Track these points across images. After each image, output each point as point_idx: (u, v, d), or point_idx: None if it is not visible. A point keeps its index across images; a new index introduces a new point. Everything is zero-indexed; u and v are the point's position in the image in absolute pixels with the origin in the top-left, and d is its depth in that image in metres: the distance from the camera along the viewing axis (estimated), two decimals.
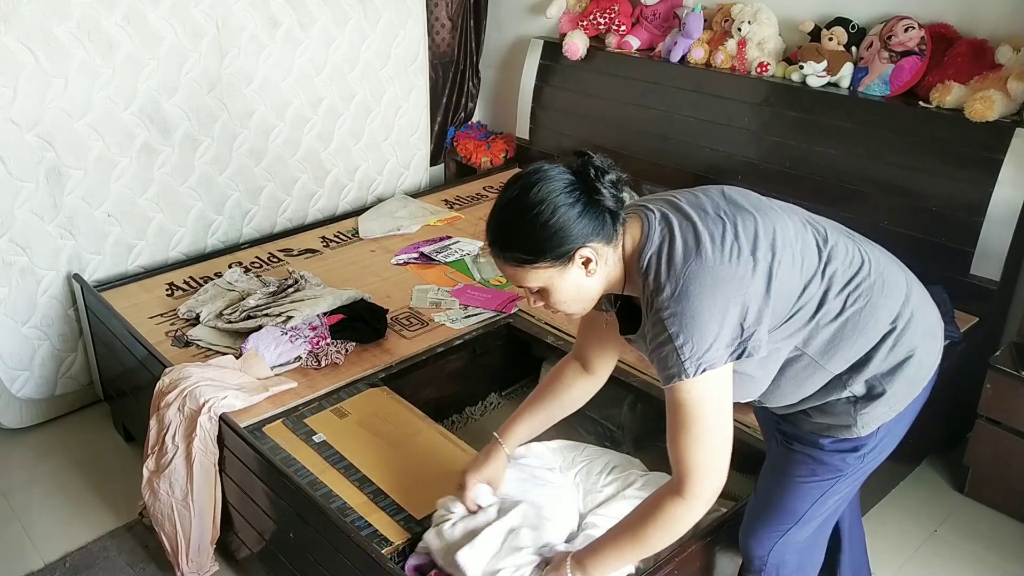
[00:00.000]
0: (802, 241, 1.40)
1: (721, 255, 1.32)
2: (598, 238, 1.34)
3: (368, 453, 2.00)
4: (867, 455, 1.52)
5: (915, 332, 1.47)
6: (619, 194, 1.36)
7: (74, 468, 2.63)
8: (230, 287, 2.66)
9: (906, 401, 1.49)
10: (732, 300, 1.30)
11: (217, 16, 2.83)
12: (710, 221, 1.36)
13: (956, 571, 2.31)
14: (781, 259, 1.34)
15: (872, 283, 1.44)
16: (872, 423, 1.48)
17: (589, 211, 1.33)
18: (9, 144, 2.47)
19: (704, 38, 3.09)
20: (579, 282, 1.38)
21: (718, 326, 1.30)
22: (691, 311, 1.30)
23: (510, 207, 1.34)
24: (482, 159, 3.79)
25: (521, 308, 2.60)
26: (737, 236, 1.34)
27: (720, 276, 1.30)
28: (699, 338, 1.30)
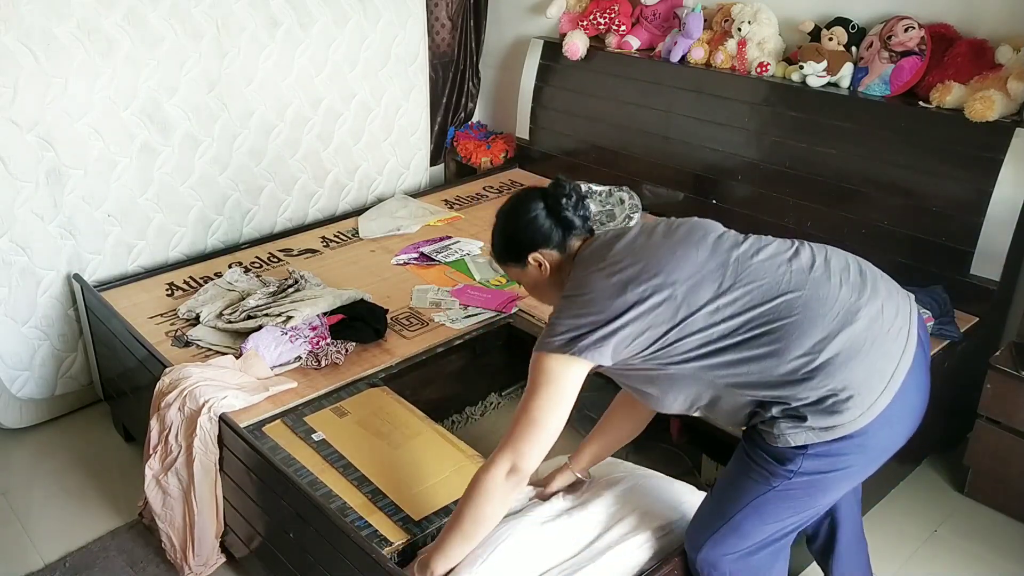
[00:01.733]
0: (699, 277, 1.51)
1: (605, 279, 1.53)
2: (548, 246, 1.66)
3: (368, 453, 2.00)
4: (798, 475, 1.50)
5: (831, 372, 1.45)
6: (576, 212, 1.66)
7: (74, 468, 2.63)
8: (230, 287, 2.66)
9: (831, 433, 1.46)
10: (583, 314, 1.52)
11: (217, 16, 2.83)
12: (622, 249, 1.58)
13: (956, 571, 2.31)
14: (651, 298, 1.49)
15: (787, 320, 1.46)
16: (789, 437, 1.48)
17: (544, 225, 1.65)
18: (9, 144, 2.47)
19: (704, 38, 3.09)
20: (536, 280, 1.71)
21: (565, 325, 1.53)
22: (558, 309, 1.57)
23: (496, 218, 1.73)
24: (482, 159, 3.79)
25: (521, 308, 2.60)
26: (627, 268, 1.54)
27: (588, 294, 1.54)
28: (552, 326, 1.55)
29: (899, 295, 1.56)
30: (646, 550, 1.72)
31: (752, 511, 1.56)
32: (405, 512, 1.83)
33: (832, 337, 1.46)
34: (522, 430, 1.52)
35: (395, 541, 1.76)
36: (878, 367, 1.47)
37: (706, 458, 2.36)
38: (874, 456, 1.54)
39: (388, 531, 1.78)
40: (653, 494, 1.82)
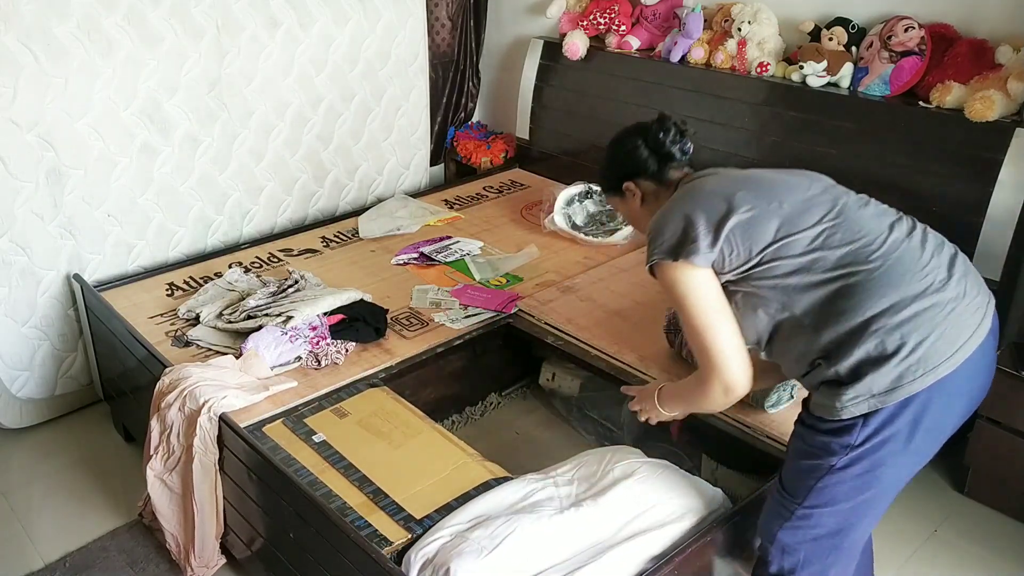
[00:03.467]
0: (807, 205, 1.58)
1: (709, 192, 1.63)
2: (643, 176, 1.78)
3: (368, 453, 2.00)
4: (857, 447, 1.50)
5: (916, 326, 1.46)
6: (674, 145, 1.77)
7: (74, 468, 2.63)
8: (230, 287, 2.66)
9: (892, 396, 1.47)
10: (691, 210, 1.60)
11: (217, 16, 2.83)
12: (730, 172, 1.71)
13: (956, 571, 2.31)
14: (755, 210, 1.56)
15: (872, 266, 1.49)
16: (851, 407, 1.48)
17: (641, 156, 1.77)
18: (9, 144, 2.47)
19: (704, 38, 3.09)
20: (633, 209, 1.83)
21: (673, 228, 1.60)
22: (662, 214, 1.65)
23: (604, 151, 1.87)
24: (482, 159, 3.79)
25: (521, 308, 2.60)
26: (734, 182, 1.65)
27: (692, 202, 1.62)
28: (657, 234, 1.62)
29: (982, 285, 1.60)
30: (655, 546, 1.72)
31: (816, 494, 1.57)
32: (407, 511, 1.83)
33: (917, 297, 1.48)
34: (706, 351, 1.58)
35: (395, 540, 1.76)
36: (950, 334, 1.49)
37: (706, 458, 2.36)
38: (928, 433, 1.53)
39: (388, 531, 1.78)
40: (665, 488, 1.82)
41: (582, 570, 1.64)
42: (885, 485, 1.58)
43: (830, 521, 1.60)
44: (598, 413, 2.63)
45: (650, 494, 1.80)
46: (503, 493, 1.82)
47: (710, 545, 1.76)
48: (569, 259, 2.95)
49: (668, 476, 1.87)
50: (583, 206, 3.17)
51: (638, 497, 1.79)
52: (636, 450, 1.96)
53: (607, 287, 2.71)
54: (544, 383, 2.77)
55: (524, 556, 1.65)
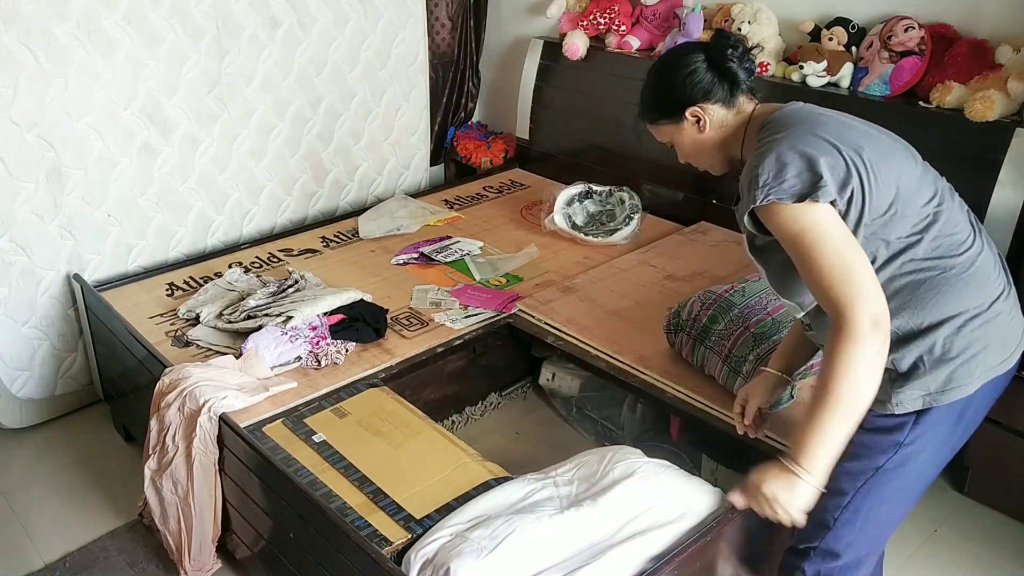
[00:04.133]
0: (916, 184, 1.48)
1: (832, 138, 1.45)
2: (711, 99, 1.58)
3: (368, 453, 2.00)
4: (906, 445, 1.50)
5: (983, 334, 1.47)
6: (742, 65, 1.57)
7: (74, 468, 2.63)
8: (230, 287, 2.66)
9: (946, 396, 1.47)
10: (814, 153, 1.42)
11: (217, 16, 2.83)
12: (840, 124, 1.51)
13: (956, 571, 2.31)
14: (875, 173, 1.44)
15: (960, 264, 1.47)
16: (907, 403, 1.47)
17: (706, 76, 1.56)
18: (9, 144, 2.47)
19: (704, 38, 3.09)
20: (695, 138, 1.63)
21: (793, 163, 1.42)
22: (772, 148, 1.45)
23: (647, 75, 1.66)
24: (482, 159, 3.79)
25: (521, 308, 2.60)
26: (856, 139, 1.47)
27: (813, 135, 1.45)
28: (775, 172, 1.41)
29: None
30: (655, 546, 1.72)
31: (862, 497, 1.55)
32: (407, 511, 1.83)
33: (991, 306, 1.47)
34: (845, 281, 1.37)
35: (395, 540, 1.76)
36: (1009, 342, 1.50)
37: (706, 458, 2.36)
38: (964, 430, 1.55)
39: (388, 530, 1.78)
40: (665, 488, 1.82)
41: (582, 570, 1.64)
42: (925, 480, 1.59)
43: (872, 521, 1.59)
44: (598, 413, 2.63)
45: (650, 494, 1.80)
46: (503, 493, 1.82)
47: (710, 545, 1.75)
48: (569, 259, 2.95)
49: (668, 476, 1.86)
50: (583, 206, 3.17)
51: (638, 497, 1.78)
52: (636, 450, 1.96)
53: (607, 287, 2.71)
54: (544, 383, 2.77)
55: (524, 556, 1.65)
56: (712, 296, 2.26)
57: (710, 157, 1.66)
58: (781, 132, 1.47)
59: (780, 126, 1.49)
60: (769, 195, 1.42)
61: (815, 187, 1.40)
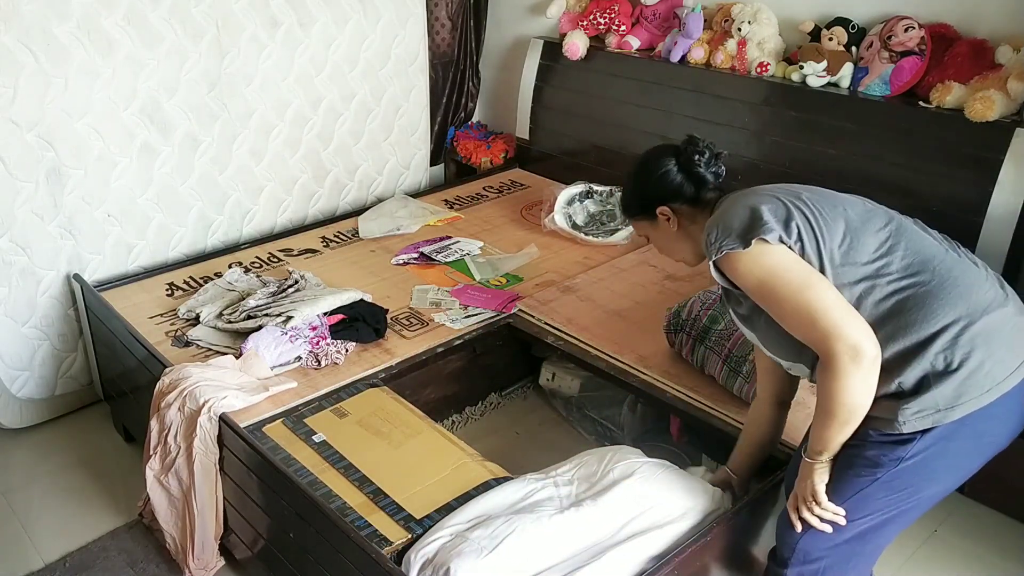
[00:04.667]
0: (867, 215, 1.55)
1: (768, 196, 1.56)
2: (679, 200, 1.68)
3: (368, 453, 2.00)
4: (907, 460, 1.49)
5: (983, 341, 1.45)
6: (709, 169, 1.66)
7: (74, 468, 2.63)
8: (230, 287, 2.66)
9: (956, 412, 1.45)
10: (754, 204, 1.52)
11: (217, 16, 2.83)
12: (793, 186, 1.62)
13: (956, 571, 2.31)
14: (819, 212, 1.51)
15: (940, 276, 1.47)
16: (915, 421, 1.46)
17: (676, 178, 1.67)
18: (9, 144, 2.47)
19: (704, 38, 3.09)
20: (666, 233, 1.73)
21: (739, 218, 1.52)
22: (721, 212, 1.57)
23: (626, 174, 1.76)
24: (482, 159, 3.79)
25: (521, 308, 2.60)
26: (792, 194, 1.57)
27: (751, 194, 1.57)
28: (723, 227, 1.52)
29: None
30: (655, 546, 1.72)
31: (852, 506, 1.55)
32: (407, 511, 1.83)
33: (985, 311, 1.47)
34: (817, 322, 1.43)
35: (395, 540, 1.76)
36: (1018, 347, 1.48)
37: (706, 458, 2.36)
38: (980, 448, 1.55)
39: (388, 531, 1.78)
40: (665, 488, 1.82)
41: (582, 570, 1.64)
42: (926, 499, 1.57)
43: (858, 529, 1.58)
44: (598, 413, 2.63)
45: (650, 494, 1.80)
46: (503, 493, 1.82)
47: (710, 545, 1.75)
48: (569, 259, 2.95)
49: (668, 476, 1.86)
50: (583, 206, 3.16)
51: (638, 497, 1.79)
52: (636, 450, 1.96)
53: (607, 287, 2.71)
54: (544, 383, 2.77)
55: (524, 556, 1.65)
56: (712, 296, 2.26)
57: (681, 251, 1.74)
58: (725, 204, 1.60)
59: (726, 202, 1.62)
60: (721, 247, 1.51)
61: (759, 226, 1.48)
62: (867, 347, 1.42)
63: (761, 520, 1.88)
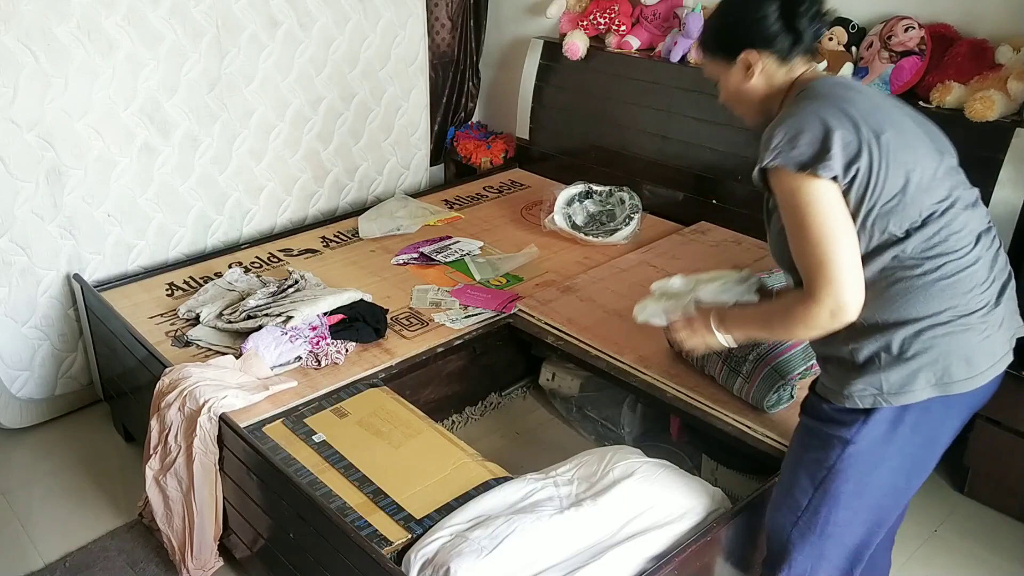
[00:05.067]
0: (931, 184, 1.45)
1: (852, 110, 1.44)
2: (768, 50, 1.53)
3: (368, 453, 2.01)
4: (851, 443, 1.50)
5: (945, 343, 1.45)
6: (811, 26, 1.52)
7: (74, 468, 2.63)
8: (230, 287, 2.66)
9: (898, 399, 1.46)
10: (833, 123, 1.41)
11: (217, 16, 2.83)
12: (869, 102, 1.48)
13: (956, 571, 2.31)
14: (887, 167, 1.42)
15: (944, 271, 1.44)
16: (857, 397, 1.48)
17: (774, 26, 1.51)
18: (9, 144, 2.47)
19: None
20: (739, 84, 1.59)
21: (809, 132, 1.41)
22: (798, 113, 1.44)
23: (718, 6, 1.60)
24: (482, 159, 3.79)
25: (521, 308, 2.60)
26: (880, 123, 1.45)
27: (838, 108, 1.43)
28: (789, 138, 1.42)
29: (1017, 315, 1.58)
30: (655, 546, 1.72)
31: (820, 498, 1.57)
32: (407, 511, 1.83)
33: (965, 316, 1.45)
34: (823, 265, 1.40)
35: (395, 540, 1.76)
36: (976, 359, 1.47)
37: (706, 458, 2.36)
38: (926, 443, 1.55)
39: (388, 530, 1.78)
40: (665, 488, 1.82)
41: (582, 570, 1.64)
42: (884, 490, 1.57)
43: (833, 526, 1.59)
44: (598, 413, 2.63)
45: (650, 494, 1.80)
46: (503, 493, 1.82)
47: (710, 545, 1.76)
48: (569, 259, 2.95)
49: (668, 476, 1.87)
50: (583, 206, 3.17)
51: (638, 497, 1.79)
52: (636, 450, 1.96)
53: (607, 287, 2.71)
54: (544, 383, 2.77)
55: (524, 556, 1.65)
56: None
57: (748, 107, 1.62)
58: (811, 100, 1.46)
59: (813, 94, 1.48)
60: (776, 159, 1.43)
61: (820, 159, 1.39)
62: (850, 313, 1.42)
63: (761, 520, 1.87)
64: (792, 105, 1.49)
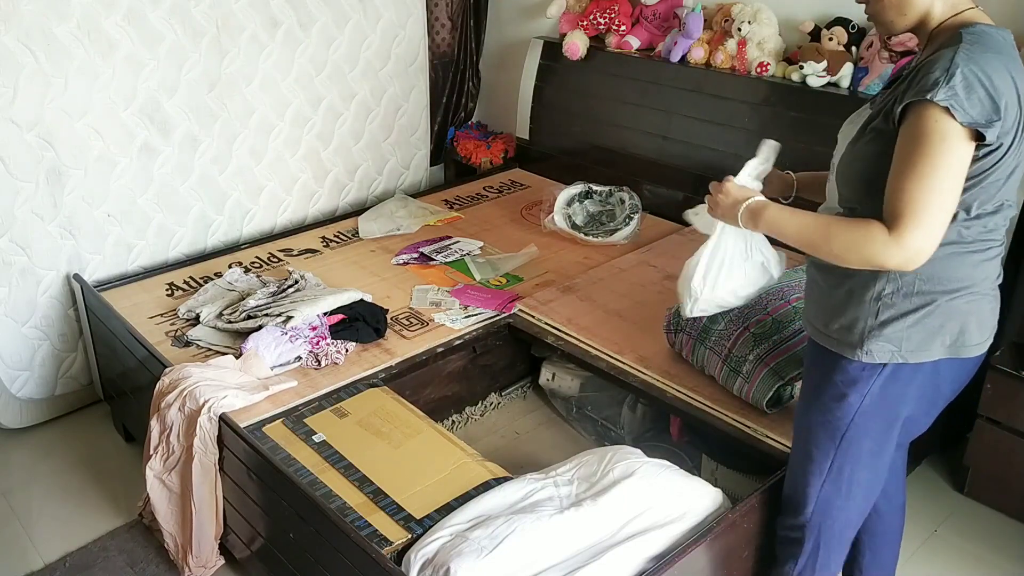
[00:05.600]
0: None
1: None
2: None
3: (368, 453, 2.01)
4: (868, 397, 1.54)
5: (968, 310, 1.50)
6: None
7: (74, 468, 2.63)
8: (230, 287, 2.66)
9: (916, 355, 1.50)
10: (1005, 83, 1.37)
11: (217, 16, 2.83)
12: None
13: (956, 571, 2.31)
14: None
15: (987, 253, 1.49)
16: (876, 354, 1.50)
17: None
18: (9, 144, 2.47)
19: (704, 38, 3.09)
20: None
21: (987, 88, 1.35)
22: (983, 61, 1.37)
23: None
24: (482, 159, 3.79)
25: (521, 308, 2.60)
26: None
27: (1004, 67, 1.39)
28: (965, 81, 1.34)
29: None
30: (655, 546, 1.72)
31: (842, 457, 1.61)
32: (407, 511, 1.83)
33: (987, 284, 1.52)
34: (920, 208, 1.35)
35: (395, 540, 1.76)
36: (987, 323, 1.54)
37: (706, 458, 2.36)
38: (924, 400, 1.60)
39: (388, 530, 1.78)
40: (665, 488, 1.82)
41: (582, 570, 1.64)
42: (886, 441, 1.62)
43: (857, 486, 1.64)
44: (598, 413, 2.63)
45: (650, 494, 1.80)
46: (503, 493, 1.82)
47: (710, 545, 1.75)
48: (569, 259, 2.95)
49: (668, 476, 1.87)
50: (583, 206, 3.17)
51: (638, 497, 1.79)
52: (636, 450, 1.96)
53: (607, 287, 2.71)
54: (544, 383, 2.77)
55: (524, 556, 1.65)
56: None
57: (907, 15, 1.50)
58: (990, 51, 1.41)
59: (993, 43, 1.44)
60: (948, 100, 1.34)
61: (987, 121, 1.35)
62: (918, 263, 1.39)
63: (761, 520, 1.88)
64: (969, 47, 1.40)
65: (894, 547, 1.97)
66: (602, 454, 1.93)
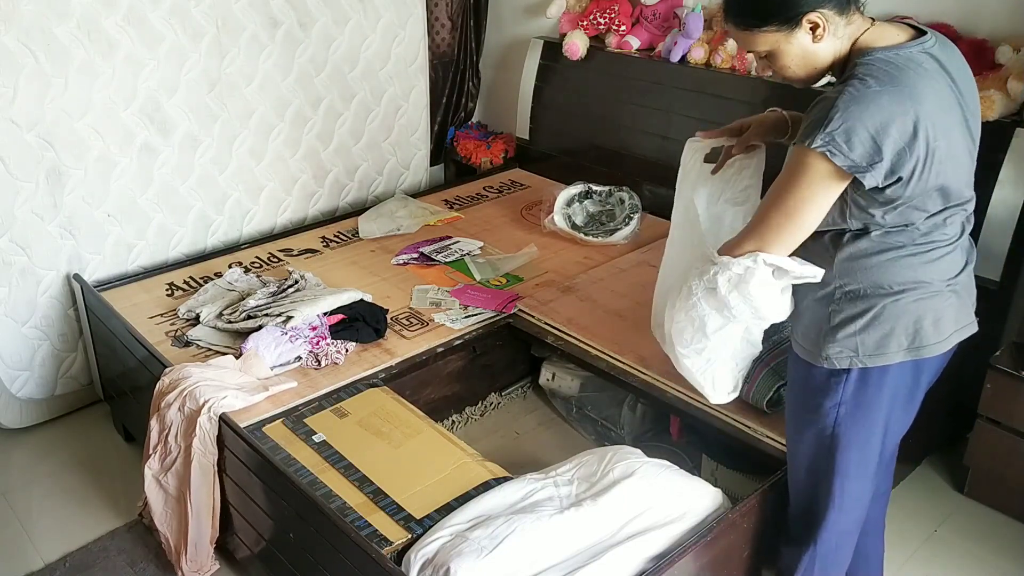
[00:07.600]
0: (963, 198, 1.51)
1: (920, 111, 1.39)
2: (831, 5, 1.43)
3: (368, 453, 2.01)
4: (843, 406, 1.56)
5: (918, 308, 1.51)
6: None
7: (74, 468, 2.63)
8: (230, 287, 2.66)
9: (875, 359, 1.52)
10: (891, 120, 1.36)
11: (217, 16, 2.83)
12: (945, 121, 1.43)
13: (956, 571, 2.31)
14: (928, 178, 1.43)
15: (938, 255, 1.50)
16: (836, 360, 1.53)
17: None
18: (9, 144, 2.47)
19: (704, 38, 3.09)
20: (806, 47, 1.47)
21: (868, 130, 1.36)
22: (868, 99, 1.36)
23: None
24: (482, 159, 3.79)
25: (521, 308, 2.60)
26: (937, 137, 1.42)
27: (907, 105, 1.37)
28: (845, 129, 1.36)
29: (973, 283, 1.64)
30: (655, 546, 1.72)
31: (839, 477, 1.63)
32: (407, 511, 1.83)
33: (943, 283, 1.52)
34: (770, 230, 1.45)
35: (395, 540, 1.76)
36: (944, 323, 1.54)
37: (706, 458, 2.36)
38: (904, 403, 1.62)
39: (388, 530, 1.78)
40: (665, 488, 1.82)
41: (582, 570, 1.64)
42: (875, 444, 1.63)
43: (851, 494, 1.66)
44: (598, 413, 2.63)
45: (650, 494, 1.80)
46: (503, 493, 1.82)
47: (710, 545, 1.76)
48: (569, 259, 2.95)
49: (668, 476, 1.87)
50: (583, 206, 3.17)
51: (638, 497, 1.79)
52: (636, 450, 1.96)
53: (607, 287, 2.71)
54: (544, 383, 2.77)
55: (524, 556, 1.65)
56: None
57: (817, 70, 1.51)
58: (879, 83, 1.38)
59: (884, 73, 1.39)
60: (825, 147, 1.37)
61: (865, 168, 1.37)
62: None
63: (761, 520, 1.88)
64: (860, 83, 1.38)
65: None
66: (602, 454, 1.93)
